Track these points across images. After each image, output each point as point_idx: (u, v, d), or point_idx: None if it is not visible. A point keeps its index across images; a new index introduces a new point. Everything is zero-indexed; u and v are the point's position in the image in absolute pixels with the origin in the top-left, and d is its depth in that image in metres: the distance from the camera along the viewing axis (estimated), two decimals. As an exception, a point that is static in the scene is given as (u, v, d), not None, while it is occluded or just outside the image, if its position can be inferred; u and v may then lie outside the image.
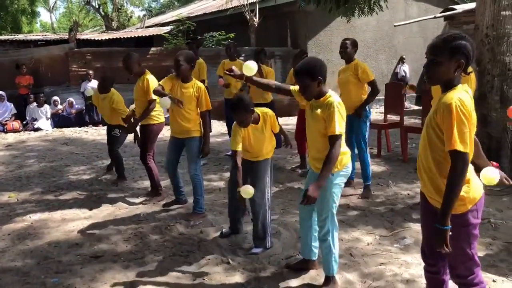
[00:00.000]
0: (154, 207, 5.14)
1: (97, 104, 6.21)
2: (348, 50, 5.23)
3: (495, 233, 4.10)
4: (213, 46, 13.36)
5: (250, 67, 3.35)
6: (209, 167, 7.00)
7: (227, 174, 6.45)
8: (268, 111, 3.87)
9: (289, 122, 10.49)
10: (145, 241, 4.18)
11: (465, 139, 2.16)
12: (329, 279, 3.23)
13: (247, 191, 3.41)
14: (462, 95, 2.21)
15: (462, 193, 2.24)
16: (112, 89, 6.01)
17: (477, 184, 2.34)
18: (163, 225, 4.54)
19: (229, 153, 7.76)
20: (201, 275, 3.48)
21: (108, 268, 3.64)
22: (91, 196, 5.63)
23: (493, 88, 5.71)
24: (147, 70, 5.29)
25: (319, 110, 3.05)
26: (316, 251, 3.47)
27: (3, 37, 15.66)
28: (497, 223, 4.32)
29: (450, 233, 2.24)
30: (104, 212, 5.02)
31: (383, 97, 7.97)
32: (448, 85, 2.28)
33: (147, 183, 5.83)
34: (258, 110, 3.78)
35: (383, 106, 8.54)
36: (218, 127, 10.39)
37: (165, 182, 5.64)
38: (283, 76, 13.50)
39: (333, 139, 2.97)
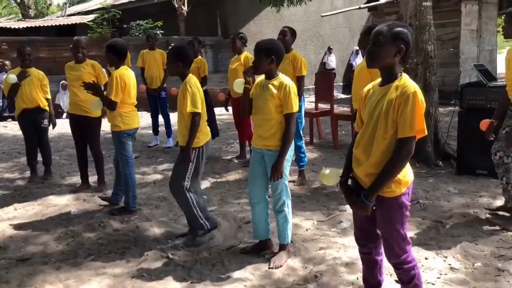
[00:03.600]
0: (85, 204, 4.89)
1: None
2: (287, 38, 5.26)
3: (424, 213, 4.33)
4: (140, 35, 12.94)
5: (238, 85, 3.41)
6: (141, 160, 6.80)
7: (161, 167, 6.31)
8: None
9: (224, 112, 10.43)
10: (77, 240, 3.96)
11: (421, 127, 2.28)
12: (285, 246, 3.44)
13: None
14: (412, 81, 2.33)
15: (399, 176, 2.35)
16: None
17: (409, 168, 2.44)
18: (96, 222, 4.32)
19: (151, 144, 7.59)
20: (140, 272, 3.35)
21: (38, 271, 3.39)
22: (14, 194, 5.25)
23: (417, 76, 5.98)
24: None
25: (273, 89, 3.26)
26: (270, 229, 3.60)
27: None
28: (425, 203, 4.55)
29: (382, 213, 2.42)
30: (31, 211, 4.70)
31: (313, 86, 8.14)
32: (389, 72, 2.36)
33: (75, 179, 5.55)
34: None
35: (313, 95, 8.73)
36: (148, 118, 10.09)
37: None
38: (214, 66, 13.41)
39: (290, 117, 3.26)
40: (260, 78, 3.42)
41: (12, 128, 9.69)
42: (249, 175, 3.55)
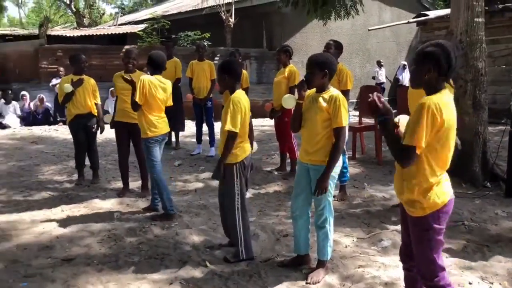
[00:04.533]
0: (128, 208, 5.01)
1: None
2: (331, 51, 5.24)
3: (469, 235, 4.17)
4: (188, 46, 13.23)
5: (288, 101, 3.51)
6: (184, 167, 6.91)
7: (203, 175, 6.38)
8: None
9: (265, 123, 10.50)
10: (119, 243, 4.06)
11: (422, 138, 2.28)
12: (323, 263, 3.41)
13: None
14: (442, 98, 2.33)
15: (420, 197, 2.37)
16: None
17: (441, 191, 2.40)
18: (137, 227, 4.42)
19: (194, 152, 7.69)
20: (178, 279, 3.40)
21: (81, 272, 3.51)
22: (62, 196, 5.46)
23: (466, 93, 5.81)
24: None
25: (322, 102, 3.25)
26: (310, 244, 3.60)
27: (-32, 31, 15.15)
28: (470, 225, 4.39)
29: (411, 232, 2.49)
30: (76, 213, 4.87)
31: (357, 100, 8.03)
32: (429, 89, 2.41)
33: (120, 184, 5.69)
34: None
35: (357, 109, 8.62)
36: (193, 127, 10.25)
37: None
38: (258, 77, 13.52)
39: (339, 131, 3.25)
40: (311, 91, 3.42)
41: (62, 132, 10.08)
42: (294, 188, 3.53)
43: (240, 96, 3.61)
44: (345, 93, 5.24)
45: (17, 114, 11.19)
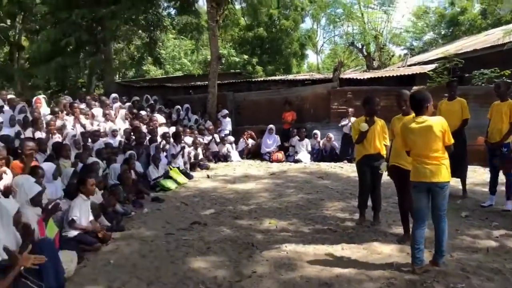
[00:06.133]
0: (408, 258, 4.70)
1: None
2: None
3: None
4: (483, 85, 12.07)
5: None
6: (472, 220, 6.14)
7: (496, 233, 5.53)
8: None
9: None
10: (398, 296, 3.82)
11: None
12: None
13: None
14: None
15: None
16: None
17: None
18: (418, 281, 4.08)
19: (485, 203, 6.73)
20: None
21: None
22: (343, 234, 5.57)
23: None
24: None
25: None
26: None
27: (277, 78, 17.76)
28: None
29: None
30: (356, 254, 4.86)
31: None
32: None
33: (401, 229, 5.44)
34: None
35: None
36: (484, 174, 9.14)
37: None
38: None
39: None
40: None
41: (346, 170, 10.51)
42: None
43: None
44: None
45: (308, 150, 12.32)
